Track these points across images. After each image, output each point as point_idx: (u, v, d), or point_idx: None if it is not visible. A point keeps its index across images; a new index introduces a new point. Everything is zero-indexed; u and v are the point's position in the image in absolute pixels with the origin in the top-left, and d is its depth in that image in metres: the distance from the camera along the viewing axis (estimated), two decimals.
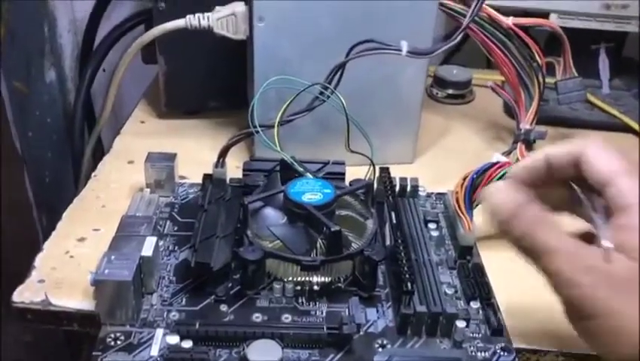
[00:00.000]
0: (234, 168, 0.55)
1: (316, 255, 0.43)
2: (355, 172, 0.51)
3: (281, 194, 0.46)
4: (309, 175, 0.48)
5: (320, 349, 0.39)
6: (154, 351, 0.38)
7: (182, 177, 0.55)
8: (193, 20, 0.53)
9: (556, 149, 0.36)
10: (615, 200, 0.33)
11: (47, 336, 0.89)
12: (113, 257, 0.40)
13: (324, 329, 0.39)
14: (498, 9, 0.56)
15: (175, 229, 0.49)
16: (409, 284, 0.41)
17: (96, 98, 0.80)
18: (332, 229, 0.41)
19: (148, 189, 0.52)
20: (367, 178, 0.50)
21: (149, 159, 0.52)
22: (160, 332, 0.39)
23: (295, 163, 0.48)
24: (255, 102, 0.48)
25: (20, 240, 0.94)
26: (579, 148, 0.35)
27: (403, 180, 0.53)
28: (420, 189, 0.54)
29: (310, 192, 0.45)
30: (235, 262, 0.44)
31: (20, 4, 0.73)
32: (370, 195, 0.49)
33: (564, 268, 0.33)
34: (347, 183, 0.51)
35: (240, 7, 0.53)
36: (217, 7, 0.54)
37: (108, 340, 0.39)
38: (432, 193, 0.55)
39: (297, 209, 0.44)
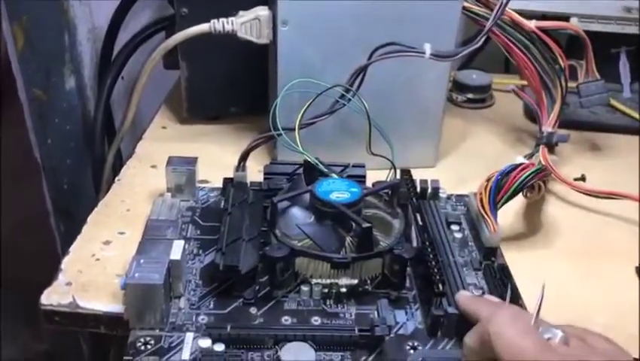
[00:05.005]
0: (255, 172, 0.55)
1: (345, 253, 0.43)
2: (375, 175, 0.51)
3: (308, 194, 0.46)
4: (334, 175, 0.48)
5: (351, 351, 0.39)
6: (185, 355, 0.38)
7: (204, 181, 0.56)
8: (217, 25, 0.54)
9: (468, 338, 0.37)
10: None
11: (66, 343, 0.89)
12: (142, 261, 0.40)
13: (356, 331, 0.39)
14: (518, 12, 0.56)
15: (198, 232, 0.49)
16: (440, 286, 0.41)
17: (113, 104, 0.81)
18: (363, 226, 0.41)
19: (169, 194, 0.52)
20: (388, 180, 0.50)
21: (170, 162, 0.52)
22: (190, 335, 0.39)
23: (320, 164, 0.48)
24: (277, 105, 0.48)
25: (38, 247, 0.94)
26: (483, 330, 0.35)
27: (423, 182, 0.53)
28: (440, 191, 0.54)
29: (337, 191, 0.45)
30: (262, 265, 0.44)
31: (40, 13, 0.74)
32: (395, 195, 0.49)
33: None
34: (368, 185, 0.51)
35: (264, 12, 0.54)
36: (241, 12, 0.54)
37: (138, 344, 0.39)
38: (452, 195, 0.55)
39: (325, 207, 0.44)
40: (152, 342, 0.39)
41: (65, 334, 0.84)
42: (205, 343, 0.38)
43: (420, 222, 0.48)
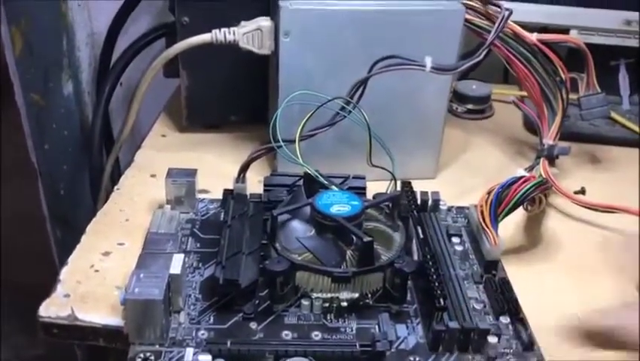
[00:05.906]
0: (255, 183, 0.54)
1: (346, 267, 0.42)
2: (376, 187, 0.51)
3: (309, 207, 0.45)
4: (335, 188, 0.48)
5: None
6: None
7: (204, 191, 0.55)
8: (219, 35, 0.53)
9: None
10: None
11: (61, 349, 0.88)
12: (142, 275, 0.39)
13: (357, 346, 0.38)
14: (519, 24, 0.56)
15: (198, 245, 0.49)
16: (441, 300, 0.40)
17: (111, 111, 0.80)
18: (364, 240, 0.41)
19: (169, 206, 0.51)
20: (388, 192, 0.50)
21: (169, 174, 0.51)
22: (190, 351, 0.39)
23: (320, 176, 0.48)
24: (278, 117, 0.48)
25: (34, 253, 0.94)
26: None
27: (424, 194, 0.53)
28: (441, 203, 0.54)
29: (338, 203, 0.45)
30: (262, 279, 0.44)
31: (39, 17, 0.73)
32: (396, 208, 0.49)
33: None
34: (369, 197, 0.51)
35: (266, 22, 0.53)
36: (243, 22, 0.54)
37: (138, 360, 0.38)
38: (452, 207, 0.54)
39: (326, 221, 0.44)
40: (152, 358, 0.38)
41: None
42: (205, 358, 0.37)
43: (421, 235, 0.47)
